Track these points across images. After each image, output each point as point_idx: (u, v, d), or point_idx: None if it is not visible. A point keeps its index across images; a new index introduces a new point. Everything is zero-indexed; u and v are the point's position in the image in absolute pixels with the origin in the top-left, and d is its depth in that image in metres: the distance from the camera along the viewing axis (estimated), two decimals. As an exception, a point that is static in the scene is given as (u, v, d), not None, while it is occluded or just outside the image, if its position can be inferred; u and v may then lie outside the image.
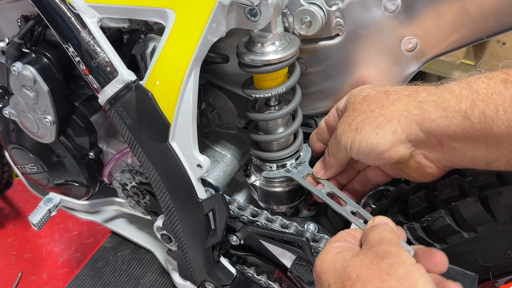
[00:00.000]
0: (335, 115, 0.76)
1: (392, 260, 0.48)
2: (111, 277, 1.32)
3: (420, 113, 0.60)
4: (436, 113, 0.58)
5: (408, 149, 0.63)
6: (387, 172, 0.74)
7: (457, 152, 0.59)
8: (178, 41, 0.65)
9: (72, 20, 0.69)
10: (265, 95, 0.72)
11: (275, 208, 0.89)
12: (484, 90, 0.54)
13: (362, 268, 0.49)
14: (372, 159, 0.65)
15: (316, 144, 0.82)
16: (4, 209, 1.92)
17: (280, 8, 0.64)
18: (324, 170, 0.76)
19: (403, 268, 0.47)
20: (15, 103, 0.93)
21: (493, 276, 0.70)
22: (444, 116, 0.57)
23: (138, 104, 0.71)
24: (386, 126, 0.62)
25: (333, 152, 0.72)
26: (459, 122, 0.55)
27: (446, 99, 0.57)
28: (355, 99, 0.70)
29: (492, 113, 0.52)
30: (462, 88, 0.56)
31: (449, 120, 0.56)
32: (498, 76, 0.54)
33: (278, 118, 0.77)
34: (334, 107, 0.77)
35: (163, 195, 0.80)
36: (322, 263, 0.54)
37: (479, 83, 0.55)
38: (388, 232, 0.55)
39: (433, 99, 0.59)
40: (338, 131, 0.69)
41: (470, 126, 0.54)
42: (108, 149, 1.04)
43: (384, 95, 0.66)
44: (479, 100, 0.54)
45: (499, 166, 0.56)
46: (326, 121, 0.79)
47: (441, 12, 0.65)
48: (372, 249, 0.51)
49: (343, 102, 0.74)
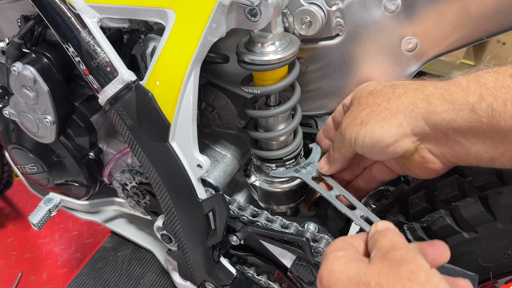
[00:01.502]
0: (341, 111, 0.76)
1: (410, 266, 0.47)
2: (111, 277, 1.32)
3: (426, 107, 0.59)
4: (442, 106, 0.57)
5: (413, 143, 0.62)
6: (393, 168, 0.73)
7: (463, 146, 0.58)
8: (178, 41, 0.65)
9: (72, 20, 0.69)
10: (263, 92, 0.72)
11: (275, 208, 0.89)
12: (492, 84, 0.53)
13: (381, 275, 0.48)
14: (376, 153, 0.65)
15: (323, 141, 0.82)
16: (4, 209, 1.92)
17: (280, 8, 0.64)
18: (329, 165, 0.76)
19: (422, 273, 0.47)
20: (15, 103, 0.93)
21: (493, 276, 0.70)
22: (451, 109, 0.56)
23: (138, 104, 0.71)
24: (392, 119, 0.62)
25: (338, 147, 0.72)
26: (465, 116, 0.55)
27: (453, 92, 0.57)
28: (361, 93, 0.69)
29: (499, 107, 0.52)
30: (470, 81, 0.56)
31: (455, 114, 0.56)
32: (507, 70, 0.54)
33: (278, 115, 0.76)
34: (340, 104, 0.76)
35: (163, 195, 0.80)
36: (331, 273, 0.52)
37: (487, 77, 0.55)
38: (398, 237, 0.54)
39: (440, 92, 0.58)
40: (343, 125, 0.69)
41: (477, 119, 0.54)
42: (108, 149, 1.04)
43: (390, 89, 0.65)
44: (487, 93, 0.53)
45: (504, 162, 0.56)
46: (333, 118, 0.78)
47: (441, 12, 0.65)
48: (387, 255, 0.50)
49: (349, 98, 0.73)
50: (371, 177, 0.77)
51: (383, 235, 0.54)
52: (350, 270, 0.51)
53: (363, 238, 0.59)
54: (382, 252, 0.51)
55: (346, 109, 0.74)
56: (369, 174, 0.77)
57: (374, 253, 0.53)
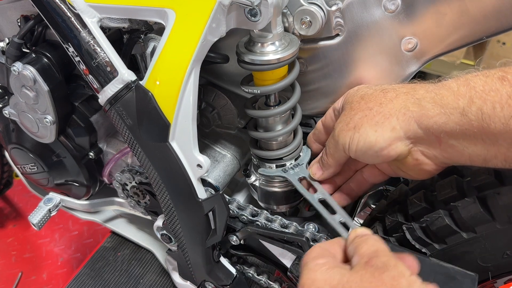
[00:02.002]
0: (332, 115, 0.76)
1: (393, 273, 0.48)
2: (111, 277, 1.32)
3: (418, 110, 0.60)
4: (434, 110, 0.58)
5: (406, 146, 0.63)
6: (384, 171, 0.73)
7: (455, 149, 0.59)
8: (178, 41, 0.65)
9: (72, 20, 0.69)
10: (263, 92, 0.73)
11: (275, 208, 0.89)
12: (481, 87, 0.54)
13: (364, 282, 0.48)
14: (370, 157, 0.65)
15: (314, 145, 0.82)
16: (4, 209, 1.92)
17: (280, 8, 0.64)
18: (322, 171, 0.76)
19: (404, 279, 0.47)
20: (15, 103, 0.93)
21: (492, 276, 0.71)
22: (442, 113, 0.57)
23: (138, 104, 0.71)
24: (385, 123, 0.62)
25: (331, 152, 0.72)
26: (456, 119, 0.55)
27: (444, 96, 0.57)
28: (352, 98, 0.69)
29: (489, 110, 0.52)
30: (460, 85, 0.57)
31: (447, 117, 0.56)
32: (496, 73, 0.54)
33: (277, 115, 0.76)
34: (331, 108, 0.77)
35: (163, 195, 0.80)
36: (313, 282, 0.51)
37: (476, 80, 0.55)
38: (380, 243, 0.54)
39: (431, 96, 0.59)
40: (336, 130, 0.69)
41: (468, 123, 0.55)
42: (108, 149, 1.04)
43: (381, 93, 0.66)
44: (476, 97, 0.54)
45: (496, 163, 0.57)
46: (323, 122, 0.79)
47: (441, 12, 0.65)
48: (369, 262, 0.50)
49: (340, 103, 0.74)
50: (363, 180, 0.77)
51: (365, 242, 0.54)
52: (332, 278, 0.50)
53: (340, 244, 0.59)
54: (364, 259, 0.51)
55: (337, 113, 0.74)
56: (361, 177, 0.77)
57: (356, 259, 0.53)
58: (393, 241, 0.76)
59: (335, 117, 0.75)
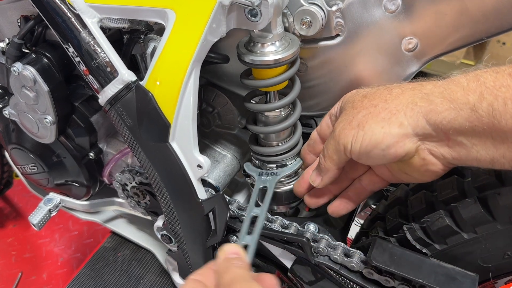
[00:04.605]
0: (329, 122, 0.74)
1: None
2: (111, 277, 1.32)
3: (426, 105, 0.58)
4: (443, 105, 0.56)
5: (414, 144, 0.60)
6: (384, 177, 0.71)
7: (463, 147, 0.57)
8: (178, 42, 0.65)
9: (72, 21, 0.69)
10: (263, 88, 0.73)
11: (275, 208, 0.89)
12: (492, 83, 0.53)
13: None
14: (375, 156, 0.62)
15: (308, 156, 0.79)
16: (4, 209, 1.92)
17: (281, 8, 0.64)
18: (320, 177, 0.72)
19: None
20: (15, 103, 0.93)
21: (492, 277, 0.71)
22: (452, 108, 0.55)
23: (138, 105, 0.71)
24: (392, 119, 0.60)
25: (330, 154, 0.68)
26: (466, 115, 0.54)
27: (453, 91, 0.56)
28: (353, 98, 0.67)
29: (500, 107, 0.51)
30: (470, 80, 0.55)
31: (456, 113, 0.55)
32: (506, 70, 0.53)
33: (276, 109, 0.76)
34: (326, 115, 0.74)
35: (163, 196, 0.80)
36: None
37: (486, 76, 0.54)
38: (238, 268, 0.52)
39: (439, 91, 0.57)
40: (336, 130, 0.66)
41: (478, 119, 0.53)
42: (108, 149, 1.04)
43: (386, 90, 0.64)
44: (487, 92, 0.52)
45: (504, 164, 0.55)
46: (319, 131, 0.76)
47: (441, 12, 0.65)
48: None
49: (337, 107, 0.71)
50: (361, 189, 0.74)
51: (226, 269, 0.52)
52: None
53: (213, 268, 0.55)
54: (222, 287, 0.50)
55: (334, 118, 0.72)
56: (359, 185, 0.74)
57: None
58: (393, 241, 0.76)
59: (332, 123, 0.73)
